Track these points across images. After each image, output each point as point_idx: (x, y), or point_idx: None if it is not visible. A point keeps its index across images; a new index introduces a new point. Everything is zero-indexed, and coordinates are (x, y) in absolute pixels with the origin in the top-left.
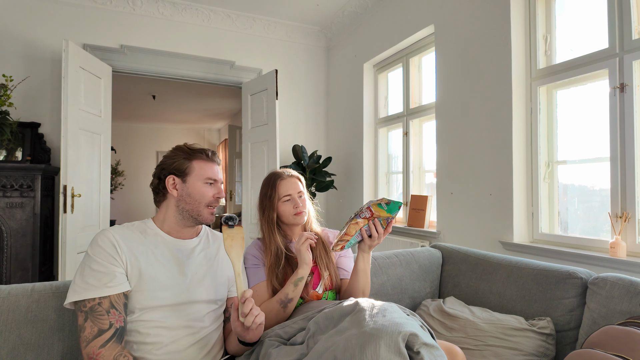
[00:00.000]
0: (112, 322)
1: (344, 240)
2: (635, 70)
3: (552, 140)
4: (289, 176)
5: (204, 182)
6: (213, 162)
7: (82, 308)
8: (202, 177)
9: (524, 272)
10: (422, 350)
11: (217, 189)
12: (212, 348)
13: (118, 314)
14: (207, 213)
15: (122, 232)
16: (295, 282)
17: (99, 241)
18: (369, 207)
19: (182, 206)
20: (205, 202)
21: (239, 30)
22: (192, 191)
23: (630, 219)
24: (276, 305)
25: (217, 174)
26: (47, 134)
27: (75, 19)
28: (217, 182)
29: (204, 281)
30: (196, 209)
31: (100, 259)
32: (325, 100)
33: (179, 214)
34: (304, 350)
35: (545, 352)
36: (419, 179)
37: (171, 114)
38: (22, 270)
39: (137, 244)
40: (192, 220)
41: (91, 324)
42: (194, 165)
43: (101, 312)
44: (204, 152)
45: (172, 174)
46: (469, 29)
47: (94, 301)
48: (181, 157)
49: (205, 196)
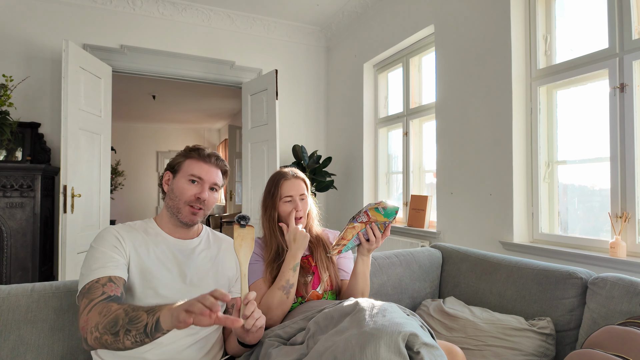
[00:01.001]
0: (105, 291)
1: (340, 245)
2: (635, 70)
3: (552, 140)
4: (293, 177)
5: (187, 179)
6: (205, 161)
7: (83, 292)
8: (187, 174)
9: (524, 272)
10: (422, 350)
11: (200, 188)
12: (211, 348)
13: (115, 287)
14: (186, 211)
15: (125, 229)
16: (294, 268)
17: (104, 234)
18: (366, 211)
19: (168, 202)
20: (184, 200)
21: (239, 30)
22: (175, 187)
23: (630, 219)
24: (278, 292)
25: (207, 173)
26: (47, 134)
27: (75, 19)
28: (203, 182)
29: (204, 282)
30: (176, 205)
31: (103, 248)
32: (325, 100)
33: (168, 211)
34: (304, 350)
35: (545, 352)
36: (419, 179)
37: (171, 114)
38: (22, 270)
39: (140, 242)
40: (176, 219)
41: (85, 300)
42: (186, 162)
43: (97, 287)
44: (198, 151)
45: (168, 170)
46: (469, 29)
47: (92, 281)
48: (181, 155)
49: (184, 193)
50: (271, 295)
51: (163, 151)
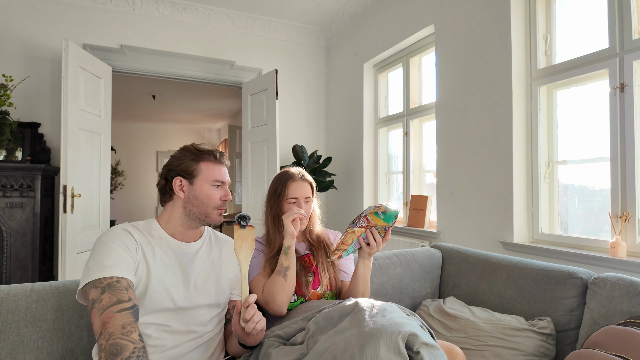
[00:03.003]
0: (131, 298)
1: (340, 250)
2: (635, 70)
3: (552, 140)
4: (301, 179)
5: (211, 185)
6: (221, 163)
7: (97, 285)
8: (210, 179)
9: (524, 272)
10: (422, 351)
11: (224, 191)
12: (214, 350)
13: (135, 296)
14: (215, 215)
15: (136, 230)
16: (285, 252)
17: (116, 232)
18: (365, 215)
19: (189, 208)
20: (213, 205)
21: (239, 30)
22: (199, 193)
23: (630, 219)
24: (275, 277)
25: (225, 175)
26: (47, 134)
27: (75, 19)
28: (225, 185)
29: (207, 285)
30: (204, 211)
31: (117, 246)
32: (325, 100)
33: (185, 216)
34: (304, 350)
35: (545, 352)
36: (419, 179)
37: (171, 114)
38: (22, 270)
39: (146, 245)
40: (199, 222)
41: (110, 295)
42: (201, 167)
43: (120, 287)
44: (212, 154)
45: (179, 175)
46: (469, 29)
47: (112, 279)
48: (189, 159)
49: (212, 199)
50: (271, 281)
51: (163, 151)
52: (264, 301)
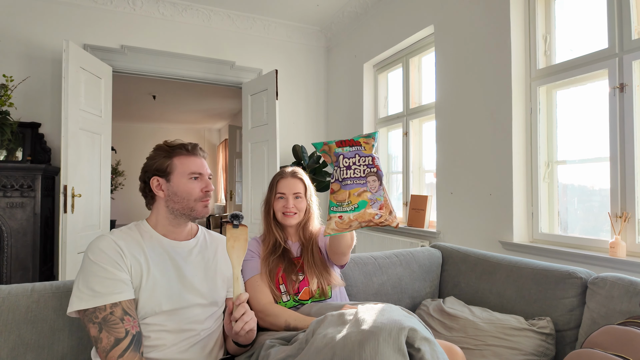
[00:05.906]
0: (127, 330)
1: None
2: (635, 70)
3: (552, 140)
4: (290, 176)
5: (188, 178)
6: (195, 155)
7: (93, 319)
8: (185, 173)
9: (524, 272)
10: (423, 346)
11: (204, 182)
12: (213, 348)
13: (132, 320)
14: (200, 207)
15: (121, 236)
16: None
17: (101, 246)
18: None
19: (172, 206)
20: (194, 198)
21: (239, 31)
22: (177, 189)
23: (630, 219)
24: (281, 324)
25: (202, 167)
26: (48, 134)
27: (75, 19)
28: (203, 176)
29: (203, 284)
30: (187, 206)
31: (105, 265)
32: (325, 101)
33: (170, 214)
34: (302, 345)
35: (545, 352)
36: (419, 179)
37: (171, 114)
38: (23, 270)
39: (137, 249)
40: (186, 218)
41: (107, 334)
42: (174, 162)
43: (115, 320)
44: (184, 147)
45: (155, 175)
46: (469, 29)
47: (105, 311)
48: (161, 156)
49: (192, 192)
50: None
51: None
52: (262, 316)
